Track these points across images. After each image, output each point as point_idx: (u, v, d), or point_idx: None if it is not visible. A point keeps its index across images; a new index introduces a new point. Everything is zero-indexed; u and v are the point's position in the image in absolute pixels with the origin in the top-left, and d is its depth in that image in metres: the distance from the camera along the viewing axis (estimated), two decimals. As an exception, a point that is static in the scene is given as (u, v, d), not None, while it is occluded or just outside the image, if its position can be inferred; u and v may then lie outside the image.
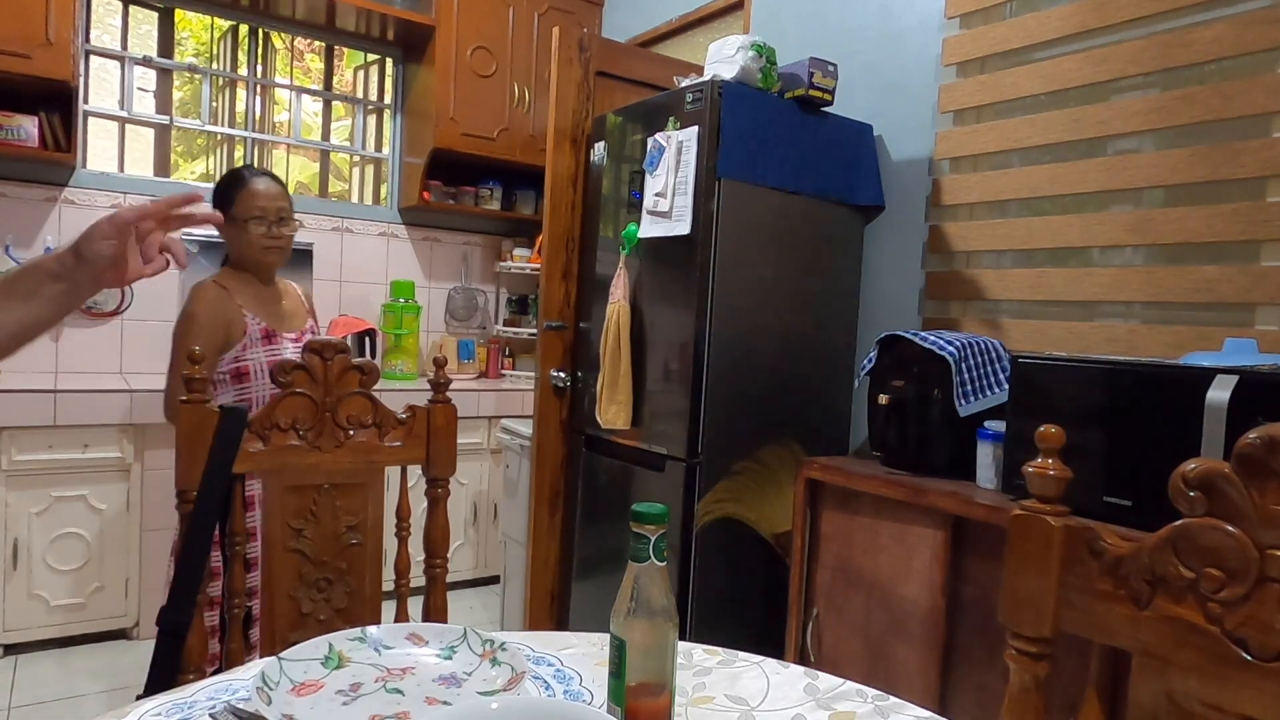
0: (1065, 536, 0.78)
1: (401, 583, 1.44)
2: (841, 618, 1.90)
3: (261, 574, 1.34)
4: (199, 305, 1.85)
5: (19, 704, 2.42)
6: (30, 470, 2.64)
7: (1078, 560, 0.77)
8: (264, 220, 1.90)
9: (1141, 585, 0.72)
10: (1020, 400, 1.62)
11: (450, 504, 1.49)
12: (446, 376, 1.47)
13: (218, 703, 0.83)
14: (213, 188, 1.99)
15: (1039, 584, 0.80)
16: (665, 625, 0.76)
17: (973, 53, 2.18)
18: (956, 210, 2.24)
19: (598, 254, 2.50)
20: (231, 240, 1.94)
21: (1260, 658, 0.65)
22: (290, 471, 1.33)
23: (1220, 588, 0.67)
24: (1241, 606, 0.66)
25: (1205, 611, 0.68)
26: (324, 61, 3.86)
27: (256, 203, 1.89)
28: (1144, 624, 0.72)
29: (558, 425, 2.63)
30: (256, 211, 1.89)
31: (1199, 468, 0.69)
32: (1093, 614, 0.76)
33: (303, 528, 1.35)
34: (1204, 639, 0.68)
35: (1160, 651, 0.71)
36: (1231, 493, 0.67)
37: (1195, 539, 0.69)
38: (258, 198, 1.90)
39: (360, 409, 1.38)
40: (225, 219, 1.84)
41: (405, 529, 1.45)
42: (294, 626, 1.34)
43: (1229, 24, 1.70)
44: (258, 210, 1.89)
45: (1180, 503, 0.70)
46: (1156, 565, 0.71)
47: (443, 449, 1.45)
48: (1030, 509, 0.82)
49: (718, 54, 2.17)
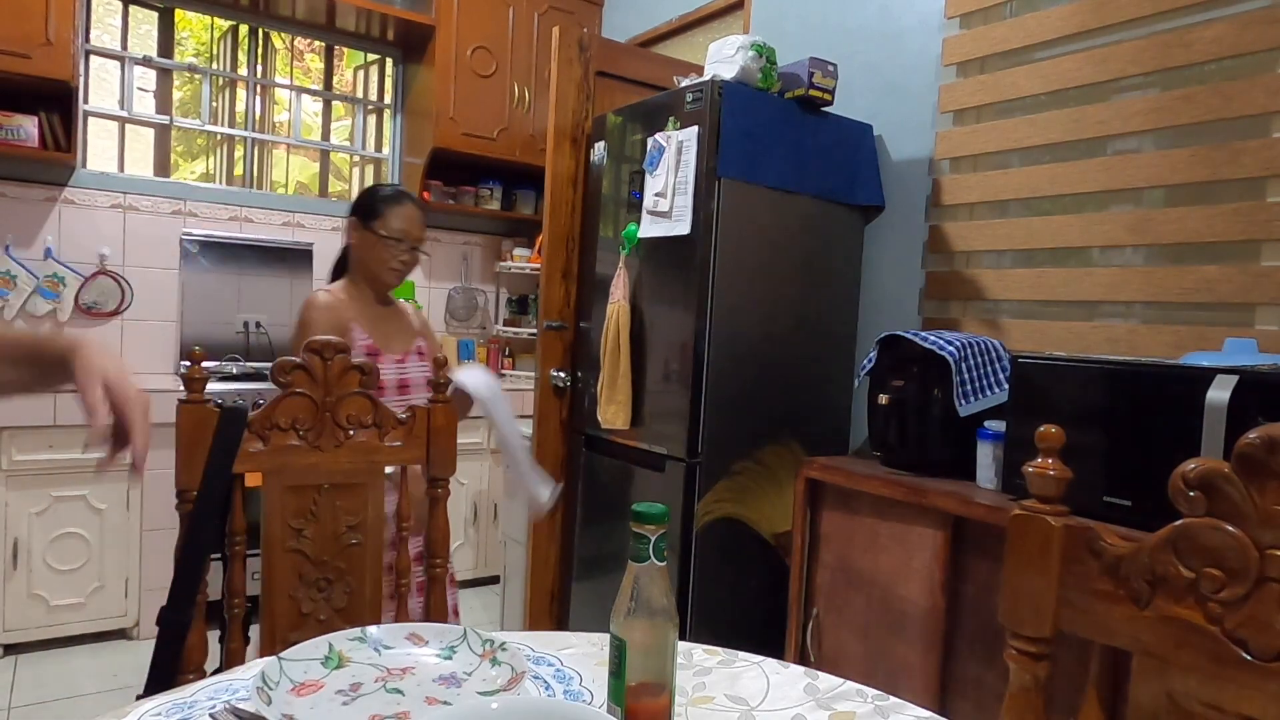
0: (1065, 536, 0.78)
1: (402, 583, 1.44)
2: (841, 618, 1.90)
3: (262, 574, 1.34)
4: (313, 313, 1.80)
5: (19, 704, 2.42)
6: (30, 470, 2.64)
7: (1078, 560, 0.77)
8: (403, 244, 1.86)
9: (1141, 585, 0.72)
10: (1020, 400, 1.62)
11: (450, 504, 1.50)
12: (446, 377, 1.47)
13: (218, 703, 0.83)
14: (362, 190, 1.92)
15: (1039, 584, 0.79)
16: (665, 625, 0.76)
17: (973, 53, 2.18)
18: (956, 210, 2.24)
19: (598, 254, 2.50)
20: (360, 250, 1.88)
21: (1260, 658, 0.65)
22: (290, 471, 1.33)
23: (1220, 588, 0.67)
24: (1241, 606, 0.66)
25: (1205, 611, 0.68)
26: (324, 61, 3.86)
27: (402, 225, 1.85)
28: (1144, 624, 0.72)
29: (558, 425, 2.63)
30: (399, 234, 1.84)
31: (1199, 468, 0.69)
32: (1093, 614, 0.76)
33: (303, 528, 1.35)
34: (1204, 639, 0.68)
35: (1160, 651, 0.71)
36: (1231, 493, 0.67)
37: (1195, 539, 0.68)
38: (405, 220, 1.85)
39: (360, 409, 1.38)
40: (363, 227, 1.83)
41: (406, 529, 1.45)
42: (294, 626, 1.34)
43: (1229, 24, 1.70)
44: (400, 233, 1.84)
45: (1180, 503, 0.70)
46: (1156, 565, 0.71)
47: (443, 449, 1.45)
48: (1030, 509, 0.81)
49: (718, 54, 2.17)
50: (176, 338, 3.33)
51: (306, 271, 3.58)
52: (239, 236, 3.46)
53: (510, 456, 1.78)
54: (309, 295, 1.88)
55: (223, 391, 2.90)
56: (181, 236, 3.32)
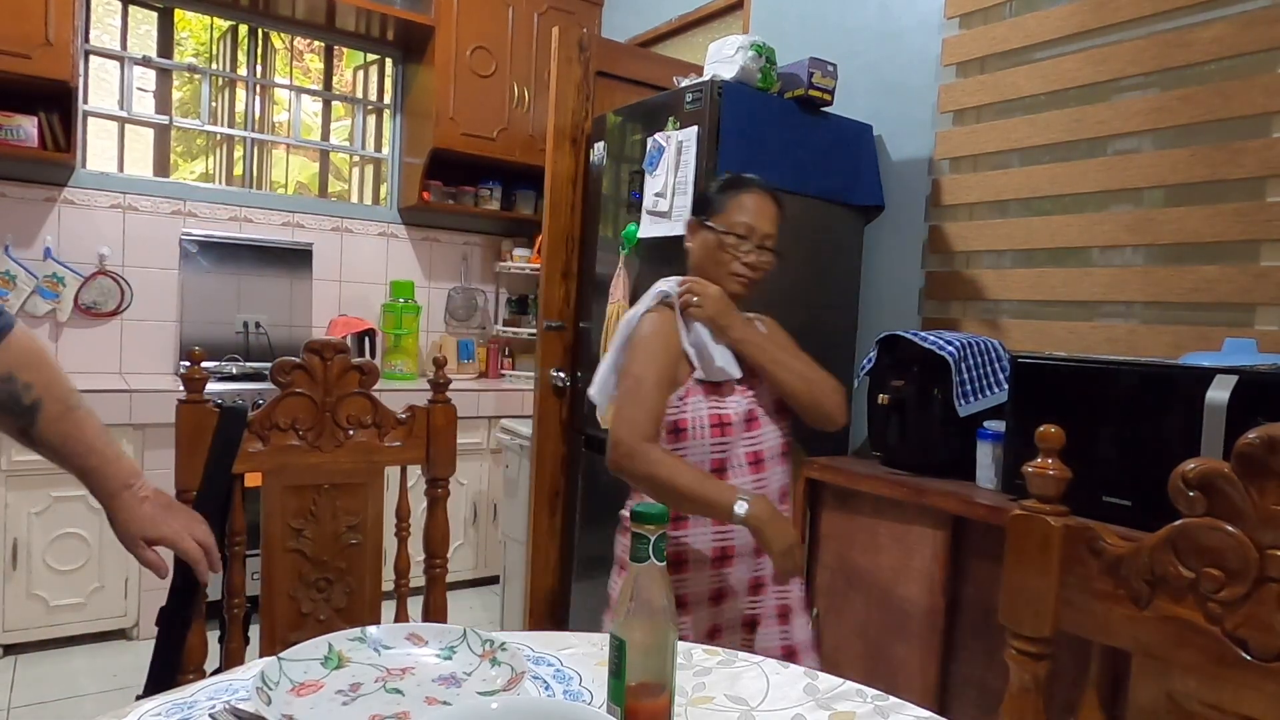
0: (1065, 536, 0.78)
1: (401, 583, 1.44)
2: (841, 618, 1.90)
3: (261, 574, 1.34)
4: (653, 327, 1.50)
5: (19, 704, 2.42)
6: (30, 470, 2.64)
7: (1078, 560, 0.77)
8: (747, 242, 1.49)
9: (1141, 585, 0.73)
10: (1020, 400, 1.62)
11: (450, 504, 1.49)
12: (446, 376, 1.47)
13: (218, 703, 0.83)
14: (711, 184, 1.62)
15: (1039, 584, 0.80)
16: (665, 625, 0.76)
17: (973, 53, 2.18)
18: (956, 210, 2.24)
19: (597, 254, 2.50)
20: (699, 254, 1.55)
21: (1260, 658, 0.66)
22: (290, 471, 1.33)
23: (1220, 588, 0.68)
24: (1241, 606, 0.67)
25: (1205, 611, 0.69)
26: (324, 61, 3.86)
27: (746, 218, 1.49)
28: (1144, 624, 0.72)
29: (558, 425, 2.63)
30: (740, 227, 1.49)
31: (1199, 467, 0.69)
32: (1092, 614, 0.76)
33: (302, 528, 1.35)
34: (1204, 639, 0.68)
35: (1160, 651, 0.71)
36: (1231, 493, 0.68)
37: (1195, 539, 0.69)
38: (749, 211, 1.49)
39: (360, 409, 1.38)
40: (701, 226, 1.54)
41: (405, 529, 1.45)
42: (294, 626, 1.34)
43: (1229, 24, 1.70)
44: (742, 228, 1.49)
45: (1180, 502, 0.70)
46: (1156, 565, 0.71)
47: (443, 449, 1.45)
48: (1030, 509, 0.82)
49: (717, 54, 2.17)
50: (176, 338, 3.33)
51: (306, 272, 3.58)
52: (239, 237, 3.46)
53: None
54: (634, 310, 1.57)
55: (222, 392, 2.90)
56: (181, 237, 3.32)
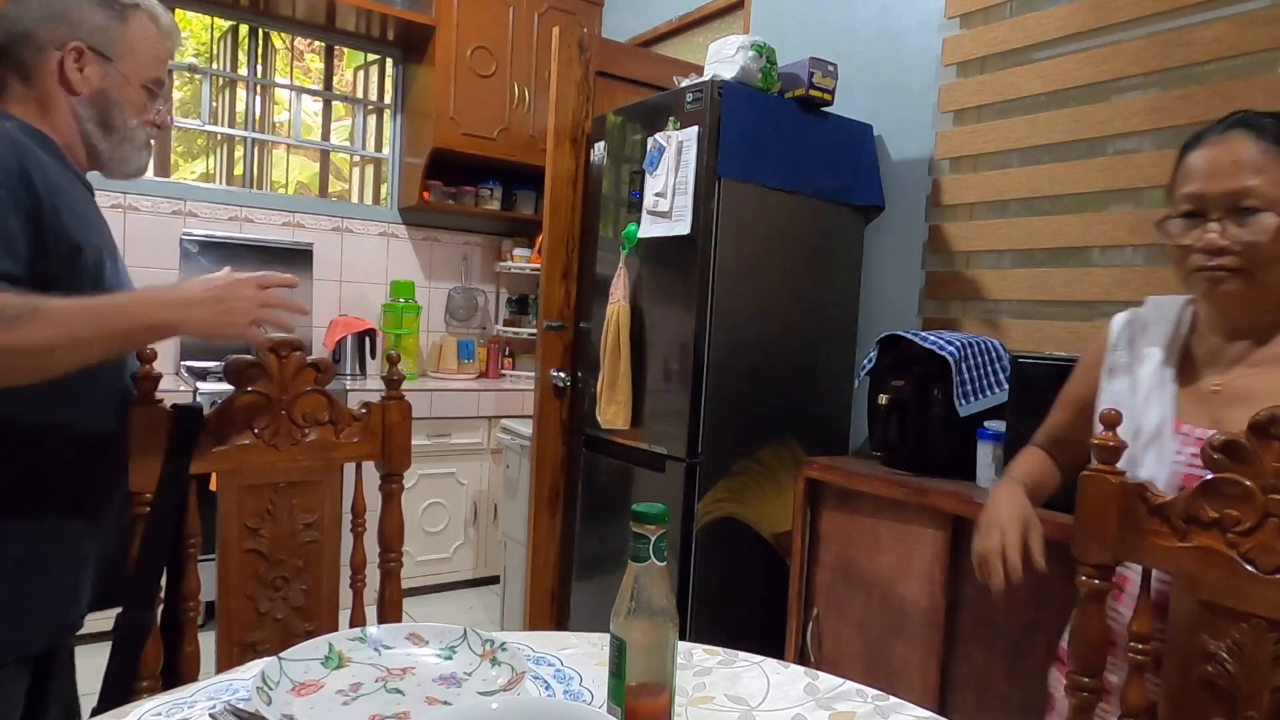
0: (1122, 490, 1.03)
1: (357, 578, 1.43)
2: (841, 618, 1.90)
3: (217, 575, 1.32)
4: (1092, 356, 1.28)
5: (19, 704, 2.41)
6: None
7: (1131, 507, 1.02)
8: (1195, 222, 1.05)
9: (1180, 523, 0.98)
10: (1020, 400, 1.62)
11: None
12: (400, 373, 1.47)
13: (218, 702, 0.83)
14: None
15: (1102, 525, 1.04)
16: (665, 625, 0.76)
17: (973, 53, 2.18)
18: (956, 210, 2.24)
19: (598, 254, 2.50)
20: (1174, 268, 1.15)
21: (1264, 572, 0.91)
22: (247, 471, 1.31)
23: (1237, 523, 0.93)
24: (1252, 536, 0.92)
25: (1226, 540, 0.94)
26: (324, 61, 3.86)
27: (1187, 186, 1.06)
28: (1181, 553, 0.98)
29: (558, 425, 2.63)
30: (1189, 201, 1.05)
31: (1223, 436, 0.94)
32: (1142, 546, 1.02)
33: (259, 527, 1.33)
34: (1225, 561, 0.94)
35: (1193, 571, 0.97)
36: (1244, 453, 0.92)
37: (1219, 489, 0.95)
38: (1195, 178, 1.05)
39: (316, 406, 1.37)
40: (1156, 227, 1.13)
41: (361, 524, 1.44)
42: (251, 627, 1.32)
43: (1229, 24, 1.70)
44: (1190, 200, 1.05)
45: (1208, 462, 0.95)
46: (1190, 508, 0.97)
47: (398, 444, 1.44)
48: (1097, 470, 1.04)
49: (718, 54, 2.17)
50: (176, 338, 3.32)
51: (307, 272, 3.58)
52: (239, 237, 3.45)
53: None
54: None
55: (222, 392, 2.89)
56: (181, 237, 3.32)
